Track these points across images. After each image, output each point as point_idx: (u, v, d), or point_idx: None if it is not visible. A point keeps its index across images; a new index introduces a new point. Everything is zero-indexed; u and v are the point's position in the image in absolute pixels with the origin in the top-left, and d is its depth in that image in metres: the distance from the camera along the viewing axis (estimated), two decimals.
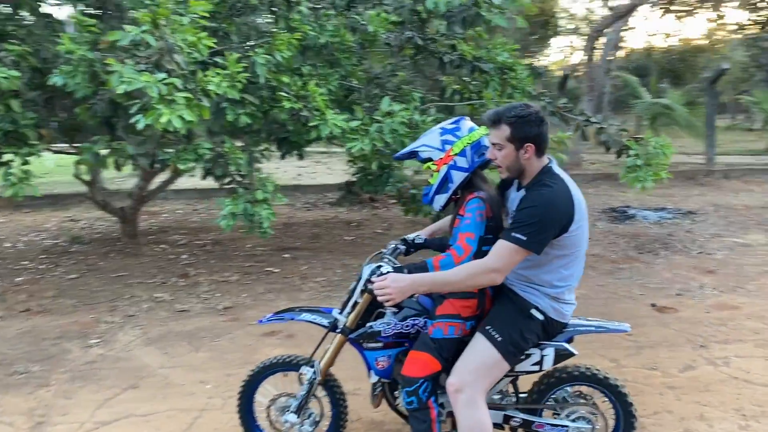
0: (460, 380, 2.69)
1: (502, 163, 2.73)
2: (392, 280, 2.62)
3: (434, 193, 2.87)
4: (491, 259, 2.61)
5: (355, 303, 2.94)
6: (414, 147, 2.88)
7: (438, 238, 3.31)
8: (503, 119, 2.66)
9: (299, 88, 5.25)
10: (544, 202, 2.59)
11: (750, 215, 8.86)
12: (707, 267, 6.50)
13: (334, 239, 8.26)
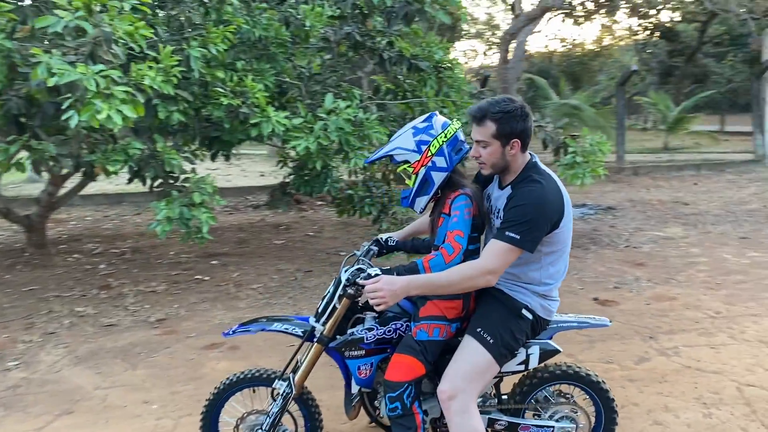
0: (453, 386, 2.55)
1: (487, 161, 2.63)
2: (386, 282, 2.44)
3: (414, 196, 2.72)
4: (487, 260, 2.50)
5: (333, 309, 2.74)
6: (387, 150, 2.71)
7: (411, 240, 3.16)
8: (488, 115, 2.55)
9: (235, 83, 4.96)
10: (536, 199, 2.51)
11: (665, 209, 9.29)
12: (637, 260, 6.71)
13: (263, 244, 7.93)
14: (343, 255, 7.30)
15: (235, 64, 5.28)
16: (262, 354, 4.52)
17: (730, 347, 4.43)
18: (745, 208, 9.24)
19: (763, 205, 9.35)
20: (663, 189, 10.96)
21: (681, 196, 10.16)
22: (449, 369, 2.61)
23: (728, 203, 9.55)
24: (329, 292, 2.80)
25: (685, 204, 9.59)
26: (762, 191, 10.51)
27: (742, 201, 9.69)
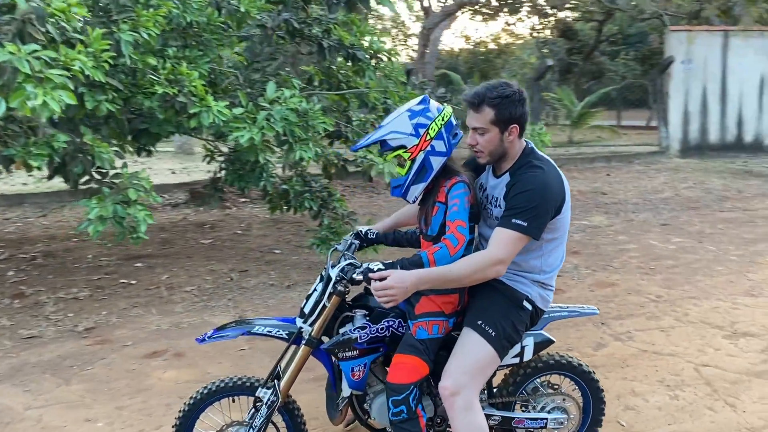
0: (456, 383, 2.43)
1: (485, 148, 2.52)
2: (396, 279, 2.27)
3: (410, 184, 2.55)
4: (496, 249, 2.39)
5: (322, 308, 2.54)
6: (381, 135, 2.52)
7: (393, 232, 3.00)
8: (486, 101, 2.44)
9: (168, 71, 4.60)
10: (540, 185, 2.43)
11: (586, 200, 9.59)
12: (570, 248, 6.84)
13: (188, 244, 7.50)
14: (278, 253, 7.02)
15: (165, 51, 4.90)
16: (212, 360, 4.23)
17: (679, 329, 4.56)
18: (659, 196, 9.70)
19: (675, 194, 9.85)
20: (579, 180, 11.33)
21: (598, 186, 10.53)
22: (450, 364, 2.48)
23: (643, 192, 9.99)
24: (316, 290, 2.60)
25: (604, 194, 9.95)
26: (671, 180, 11.08)
27: (656, 190, 10.17)
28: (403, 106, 2.58)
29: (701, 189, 10.22)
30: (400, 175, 2.55)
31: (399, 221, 3.07)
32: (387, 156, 2.56)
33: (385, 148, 2.54)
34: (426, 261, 2.37)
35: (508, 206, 2.46)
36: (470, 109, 2.49)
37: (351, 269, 2.50)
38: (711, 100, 13.52)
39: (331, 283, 2.54)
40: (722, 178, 11.26)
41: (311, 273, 6.16)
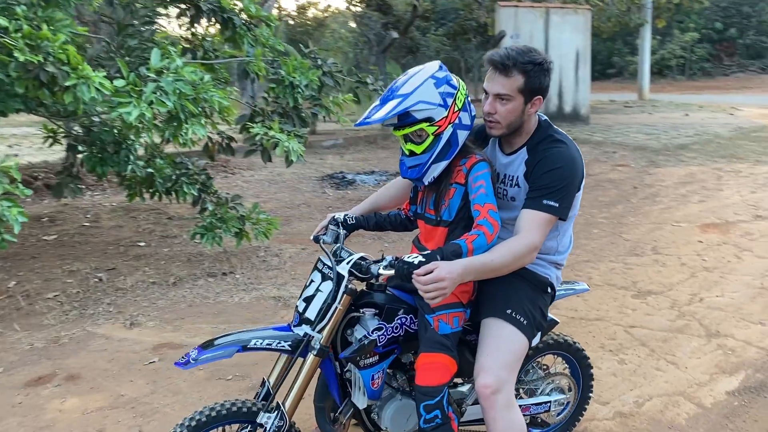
0: (497, 379, 2.19)
1: (504, 118, 2.27)
2: (447, 271, 1.95)
3: (432, 162, 2.22)
4: (531, 234, 2.18)
5: (333, 311, 2.16)
6: (408, 105, 2.12)
7: (375, 215, 2.66)
8: (517, 65, 2.19)
9: (26, 33, 3.73)
10: (569, 162, 2.25)
11: None
12: None
13: (28, 241, 6.38)
14: (144, 246, 6.24)
15: (12, 10, 3.98)
16: (119, 379, 3.58)
17: (591, 293, 4.71)
18: None
19: None
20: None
21: None
22: (486, 360, 2.23)
23: None
24: (321, 291, 2.21)
25: None
26: None
27: None
28: (418, 72, 2.23)
29: None
30: (414, 153, 2.21)
31: (377, 205, 2.75)
32: (401, 131, 2.18)
33: (406, 121, 2.16)
34: (465, 250, 2.08)
35: (536, 186, 2.25)
36: (496, 73, 2.22)
37: (367, 264, 2.16)
38: None
39: (343, 282, 2.16)
40: None
41: (194, 266, 5.53)
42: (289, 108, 5.17)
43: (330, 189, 8.60)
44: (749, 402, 3.28)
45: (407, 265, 2.00)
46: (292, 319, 2.29)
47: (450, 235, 2.29)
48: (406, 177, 2.30)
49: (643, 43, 23.23)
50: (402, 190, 2.75)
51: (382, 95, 2.24)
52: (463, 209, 2.25)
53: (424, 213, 2.39)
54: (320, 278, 2.27)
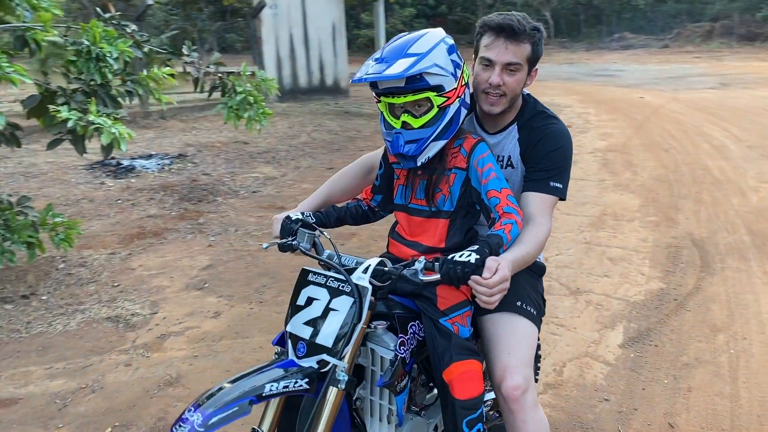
0: (526, 378, 1.99)
1: (511, 91, 2.07)
2: (509, 269, 1.68)
3: (433, 139, 1.89)
4: (546, 220, 2.01)
5: (359, 331, 1.75)
6: (424, 66, 1.77)
7: (334, 210, 2.24)
8: (527, 32, 1.97)
9: None
10: (567, 139, 2.12)
11: (233, 150, 9.06)
12: (274, 204, 6.41)
13: None
14: None
15: None
16: None
17: None
18: (298, 141, 9.80)
19: (309, 138, 10.10)
20: (204, 131, 10.63)
21: (232, 136, 10.06)
22: (509, 359, 2.00)
23: (281, 139, 9.94)
24: (334, 309, 1.77)
25: (245, 143, 9.56)
26: (293, 125, 11.28)
27: (289, 135, 10.23)
28: (425, 34, 1.88)
29: (326, 131, 10.73)
30: (409, 127, 1.87)
31: (331, 197, 2.37)
32: (402, 98, 1.80)
33: (416, 85, 1.80)
34: (506, 242, 1.81)
35: (540, 167, 2.07)
36: (505, 41, 1.98)
37: (392, 270, 1.78)
38: (297, 46, 14.17)
39: (367, 296, 1.74)
40: (331, 119, 12.04)
41: None
42: (96, 85, 4.23)
43: (108, 179, 7.42)
44: (642, 352, 3.53)
45: (462, 265, 1.66)
46: (292, 349, 1.81)
47: (452, 226, 2.00)
48: (398, 153, 1.92)
49: (378, 17, 24.30)
50: (357, 178, 2.39)
51: (382, 54, 1.84)
52: (464, 197, 1.98)
53: (408, 203, 2.05)
54: (327, 294, 1.81)
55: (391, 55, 1.82)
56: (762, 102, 13.08)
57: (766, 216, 5.78)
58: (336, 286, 1.81)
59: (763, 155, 8.34)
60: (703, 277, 4.48)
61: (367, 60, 1.88)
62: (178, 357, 3.49)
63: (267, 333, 3.73)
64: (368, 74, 1.80)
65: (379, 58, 1.83)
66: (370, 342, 1.91)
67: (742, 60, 24.29)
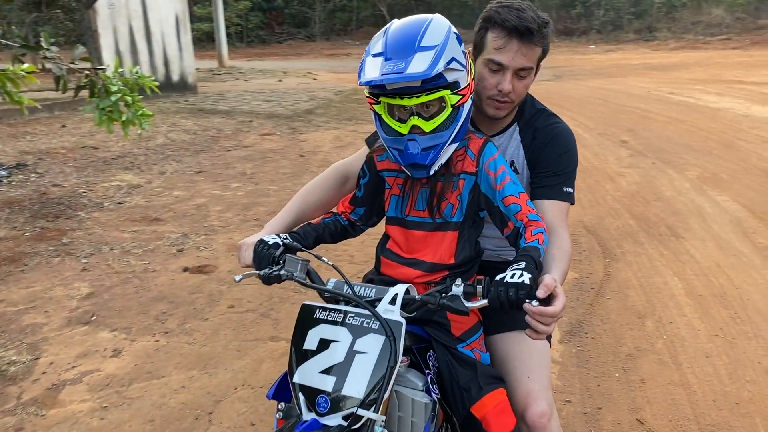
0: (549, 402, 1.83)
1: (519, 96, 1.90)
2: (563, 293, 1.45)
3: (451, 141, 1.64)
4: (564, 231, 1.84)
5: (389, 377, 1.47)
6: (447, 61, 1.53)
7: (311, 228, 1.91)
8: (541, 31, 1.78)
9: None
10: (574, 140, 1.99)
11: (82, 157, 8.04)
12: (147, 216, 5.72)
13: None
14: None
15: None
16: None
17: None
18: (155, 143, 8.95)
19: (168, 139, 9.26)
20: (41, 136, 9.36)
21: (76, 140, 8.95)
22: (531, 384, 1.82)
23: (136, 141, 9.00)
24: (360, 351, 1.48)
25: (95, 148, 8.54)
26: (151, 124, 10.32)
27: (146, 137, 9.27)
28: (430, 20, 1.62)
29: (183, 131, 9.92)
30: (420, 131, 1.61)
31: (304, 213, 2.05)
32: (415, 99, 1.53)
33: (435, 83, 1.54)
34: (542, 254, 1.60)
35: (551, 172, 1.91)
36: (519, 43, 1.77)
37: (423, 298, 1.52)
38: (138, 39, 13.03)
39: (401, 333, 1.45)
40: (185, 118, 11.19)
41: None
42: None
43: None
44: (582, 346, 3.51)
45: (516, 288, 1.41)
46: (306, 404, 1.47)
47: (461, 239, 1.77)
48: (413, 164, 1.65)
49: (216, 11, 23.26)
50: (333, 190, 2.09)
51: (386, 49, 1.55)
52: (472, 205, 1.76)
53: (406, 216, 1.79)
54: (349, 334, 1.50)
55: (400, 49, 1.55)
56: (595, 92, 14.15)
57: (640, 200, 6.15)
58: (359, 323, 1.50)
59: (614, 142, 8.95)
60: (609, 264, 4.61)
61: (366, 57, 1.59)
62: (82, 411, 2.90)
63: (185, 369, 3.23)
64: (385, 74, 1.50)
65: (382, 53, 1.55)
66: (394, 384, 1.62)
67: (563, 53, 26.30)
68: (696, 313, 3.80)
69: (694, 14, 30.27)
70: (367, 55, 1.58)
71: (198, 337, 3.56)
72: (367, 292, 1.64)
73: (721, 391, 3.03)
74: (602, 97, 13.36)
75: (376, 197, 1.90)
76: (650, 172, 7.19)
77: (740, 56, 21.89)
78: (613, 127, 9.98)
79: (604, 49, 27.38)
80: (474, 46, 1.87)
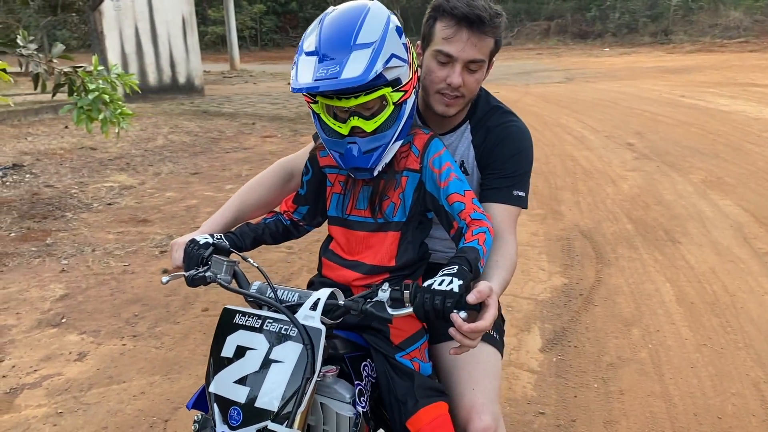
0: (494, 415, 1.69)
1: (471, 92, 1.76)
2: (496, 301, 1.34)
3: (395, 140, 1.52)
4: (510, 236, 1.72)
5: (313, 385, 1.35)
6: (385, 60, 1.40)
7: (249, 228, 1.80)
8: (494, 21, 1.64)
9: None
10: (528, 140, 1.84)
11: (78, 158, 8.03)
12: (135, 217, 5.66)
13: None
14: None
15: None
16: None
17: None
18: (154, 144, 8.92)
19: (167, 141, 9.22)
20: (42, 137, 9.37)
21: (76, 141, 8.94)
22: (475, 396, 1.69)
23: (135, 143, 8.99)
24: (276, 360, 1.36)
25: (93, 149, 8.53)
26: (146, 127, 10.31)
27: (145, 139, 9.28)
28: (366, 11, 1.48)
29: (184, 132, 9.90)
30: (361, 132, 1.51)
31: (243, 212, 1.94)
32: (353, 100, 1.42)
33: (375, 82, 1.42)
34: (482, 255, 1.47)
35: (501, 174, 1.77)
36: (469, 33, 1.63)
37: (348, 304, 1.41)
38: (144, 41, 13.06)
39: (320, 341, 1.34)
40: (189, 120, 11.18)
41: None
42: None
43: None
44: (563, 354, 3.36)
45: (443, 296, 1.29)
46: (220, 415, 1.36)
47: (403, 240, 1.66)
48: (354, 168, 1.54)
49: (228, 14, 23.33)
50: (275, 187, 1.99)
51: (320, 46, 1.43)
52: (417, 204, 1.64)
53: (347, 216, 1.68)
54: (265, 341, 1.38)
55: (334, 47, 1.42)
56: (605, 94, 13.93)
57: (640, 204, 5.97)
58: (277, 329, 1.39)
59: (620, 144, 8.76)
60: (601, 269, 4.45)
61: (299, 56, 1.46)
62: (36, 416, 2.81)
63: (148, 374, 3.14)
64: (318, 80, 1.38)
65: (315, 53, 1.42)
66: (318, 395, 1.50)
67: (577, 56, 26.06)
68: (685, 321, 3.64)
69: (712, 17, 29.82)
70: (300, 54, 1.46)
71: (166, 341, 3.47)
72: (290, 296, 1.54)
73: (703, 404, 2.87)
74: (612, 99, 13.14)
75: (320, 195, 1.79)
76: (654, 175, 7.00)
77: (758, 59, 21.50)
78: (621, 130, 9.78)
79: (619, 52, 27.05)
80: (422, 37, 1.75)
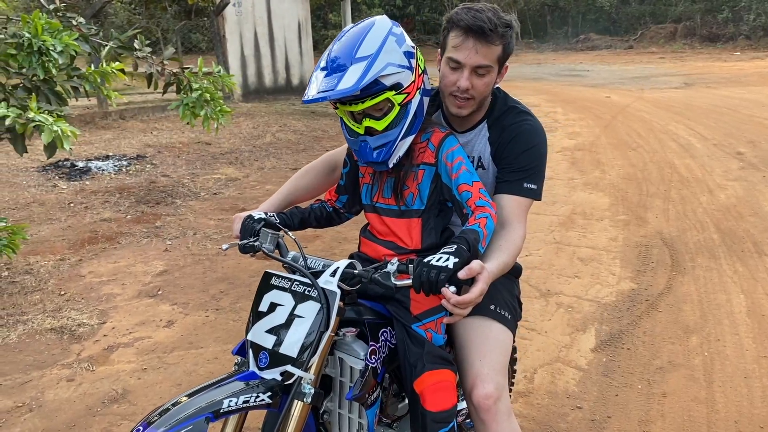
0: (498, 386, 1.84)
1: (480, 94, 1.92)
2: (489, 280, 1.55)
3: (403, 137, 1.74)
4: (522, 225, 1.89)
5: (327, 339, 1.59)
6: (377, 71, 1.61)
7: (299, 211, 2.07)
8: (499, 30, 1.81)
9: None
10: (542, 137, 1.98)
11: (195, 151, 8.78)
12: (236, 206, 6.18)
13: None
14: None
15: None
16: None
17: None
18: (263, 141, 9.56)
19: (274, 138, 9.86)
20: (165, 131, 10.32)
21: (194, 137, 9.77)
22: (481, 366, 1.86)
23: (246, 139, 9.69)
24: (298, 315, 1.61)
25: (208, 144, 9.29)
26: (258, 125, 11.03)
27: (254, 136, 9.97)
28: (370, 28, 1.70)
29: (291, 131, 10.51)
30: (374, 131, 1.74)
31: (294, 197, 2.22)
32: (360, 105, 1.65)
33: (372, 90, 1.64)
34: (482, 237, 1.65)
35: (513, 167, 1.93)
36: (475, 42, 1.81)
37: (362, 273, 1.62)
38: (262, 44, 13.90)
39: (335, 301, 1.57)
40: (297, 119, 11.81)
41: None
42: (38, 81, 3.97)
43: (61, 181, 7.10)
44: (614, 356, 3.40)
45: (437, 270, 1.48)
46: (254, 359, 1.63)
47: (425, 226, 1.87)
48: (369, 162, 1.78)
49: (345, 18, 24.10)
50: (321, 176, 2.25)
51: (329, 62, 1.67)
52: (435, 194, 1.84)
53: (375, 203, 1.91)
54: (292, 300, 1.65)
55: (339, 61, 1.65)
56: (725, 101, 13.20)
57: (734, 214, 5.74)
58: (302, 290, 1.65)
59: (729, 153, 8.36)
60: (674, 277, 4.39)
61: (315, 70, 1.71)
62: (125, 370, 3.26)
63: (223, 343, 3.52)
64: (320, 92, 1.63)
65: (325, 68, 1.66)
66: (338, 351, 1.77)
67: (704, 60, 24.66)
68: (750, 333, 3.55)
69: None
70: (316, 69, 1.72)
71: (243, 315, 3.84)
72: (316, 264, 1.81)
73: (748, 412, 2.84)
74: (731, 106, 12.44)
75: (357, 186, 2.04)
76: (757, 186, 6.67)
77: None
78: (733, 138, 9.30)
79: (751, 56, 25.30)
80: (440, 47, 1.96)
